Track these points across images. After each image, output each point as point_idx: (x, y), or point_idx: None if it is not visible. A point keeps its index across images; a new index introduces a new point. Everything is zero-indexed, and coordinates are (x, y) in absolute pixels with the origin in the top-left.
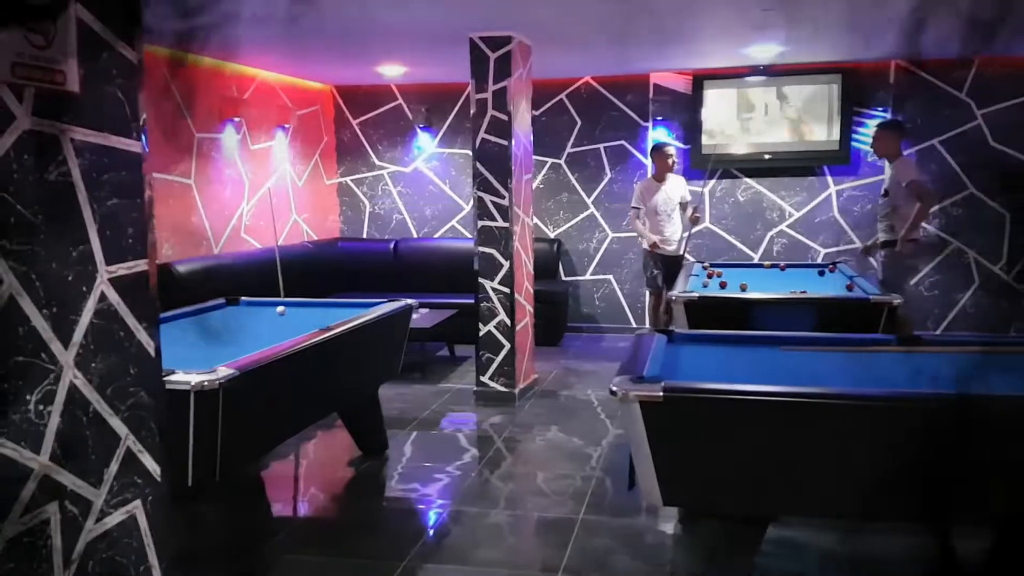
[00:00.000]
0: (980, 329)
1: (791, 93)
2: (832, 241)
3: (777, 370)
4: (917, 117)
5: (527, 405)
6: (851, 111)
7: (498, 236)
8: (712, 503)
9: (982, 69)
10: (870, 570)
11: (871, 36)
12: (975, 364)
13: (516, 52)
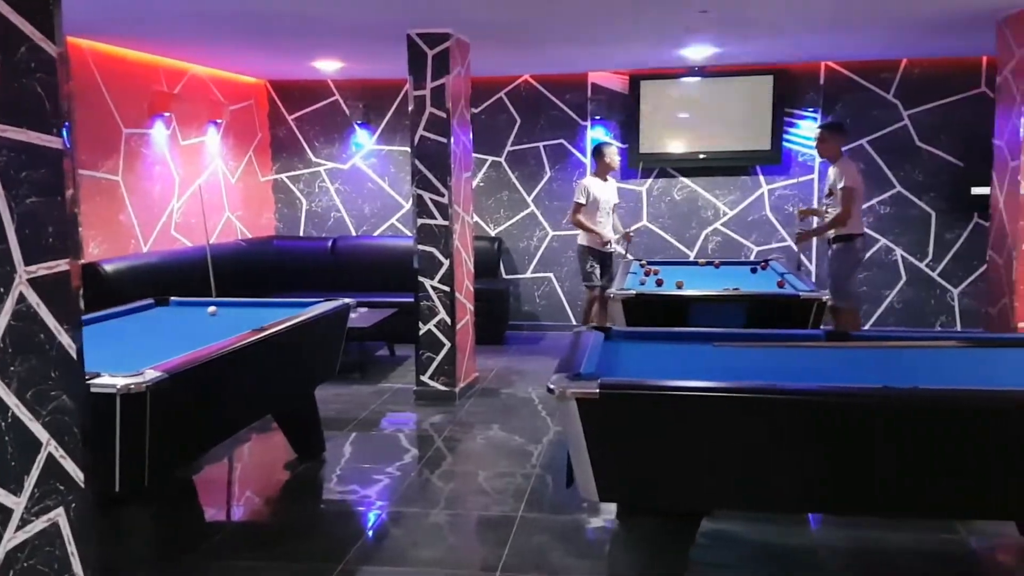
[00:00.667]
0: (907, 323)
1: (725, 94)
2: (764, 239)
3: (711, 366)
4: (847, 117)
5: (468, 404)
6: (782, 112)
7: (438, 234)
8: (648, 498)
9: (908, 71)
10: (803, 561)
11: (802, 38)
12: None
13: (454, 49)
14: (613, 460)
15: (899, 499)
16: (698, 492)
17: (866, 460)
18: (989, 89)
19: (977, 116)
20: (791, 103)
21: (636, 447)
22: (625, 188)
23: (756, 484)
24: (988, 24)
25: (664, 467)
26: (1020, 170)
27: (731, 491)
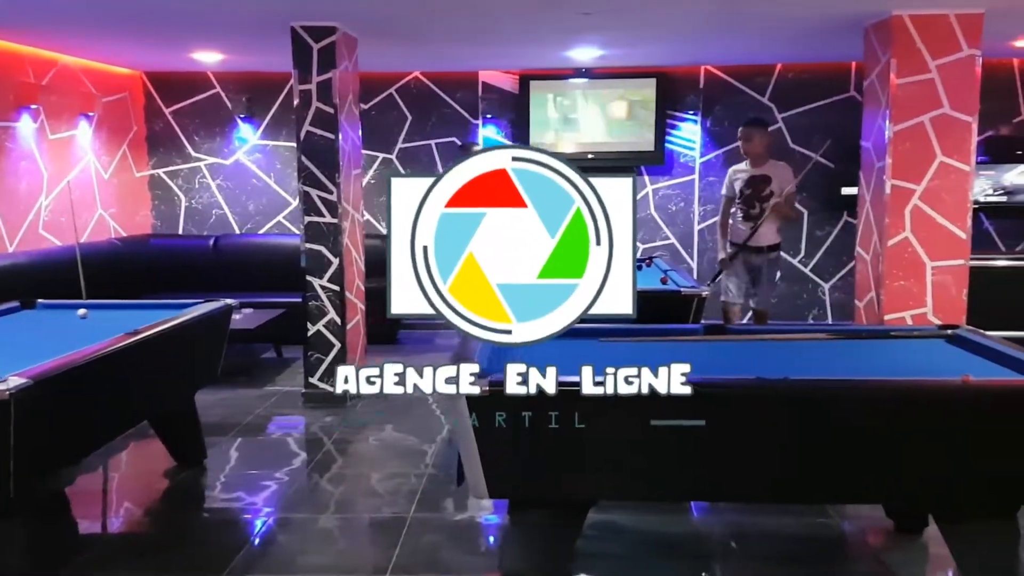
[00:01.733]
0: (782, 317)
1: (611, 95)
2: (649, 237)
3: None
4: (724, 120)
5: (359, 405)
6: (665, 114)
7: (326, 232)
8: (537, 492)
9: (782, 75)
10: (685, 548)
11: (682, 43)
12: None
13: (341, 43)
14: (504, 457)
15: (774, 486)
16: (585, 484)
17: (742, 449)
18: (858, 93)
19: (847, 119)
20: (673, 106)
21: (524, 442)
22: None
23: (640, 475)
24: (857, 31)
25: (553, 461)
26: (885, 170)
27: (617, 482)
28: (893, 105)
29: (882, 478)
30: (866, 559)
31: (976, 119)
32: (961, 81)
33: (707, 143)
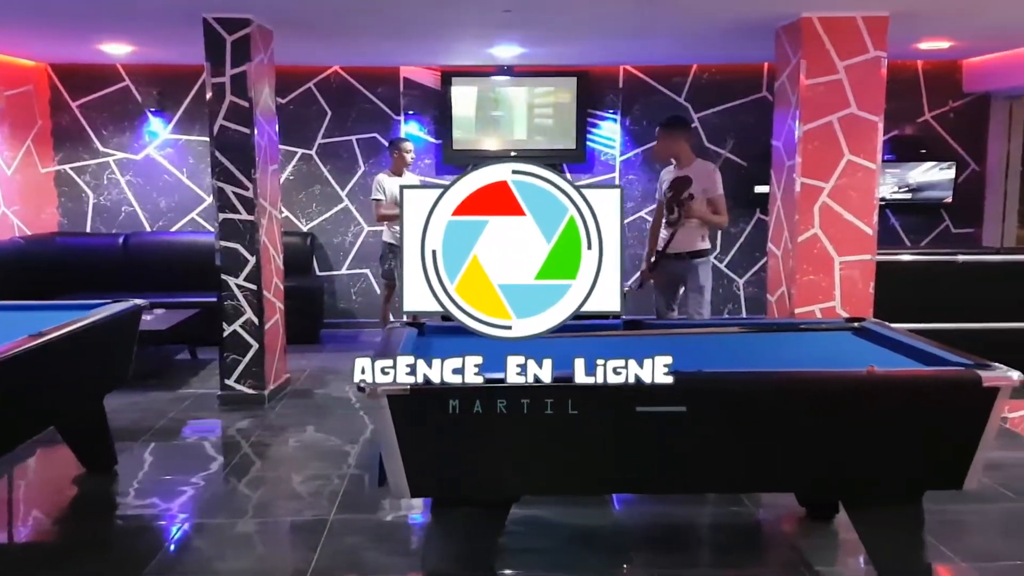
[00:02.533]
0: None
1: (533, 93)
2: None
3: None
4: (643, 119)
5: (278, 407)
6: (586, 113)
7: (242, 230)
8: (459, 490)
9: (698, 76)
10: (606, 540)
11: (601, 42)
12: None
13: (255, 36)
14: (424, 455)
15: (692, 476)
16: (508, 480)
17: (661, 441)
18: (770, 94)
19: (759, 119)
20: (593, 104)
21: (446, 440)
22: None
23: (562, 469)
24: (768, 33)
25: (474, 458)
26: (795, 169)
27: (539, 477)
28: (803, 105)
29: (793, 467)
30: (780, 546)
31: (882, 119)
32: (867, 82)
33: (627, 142)
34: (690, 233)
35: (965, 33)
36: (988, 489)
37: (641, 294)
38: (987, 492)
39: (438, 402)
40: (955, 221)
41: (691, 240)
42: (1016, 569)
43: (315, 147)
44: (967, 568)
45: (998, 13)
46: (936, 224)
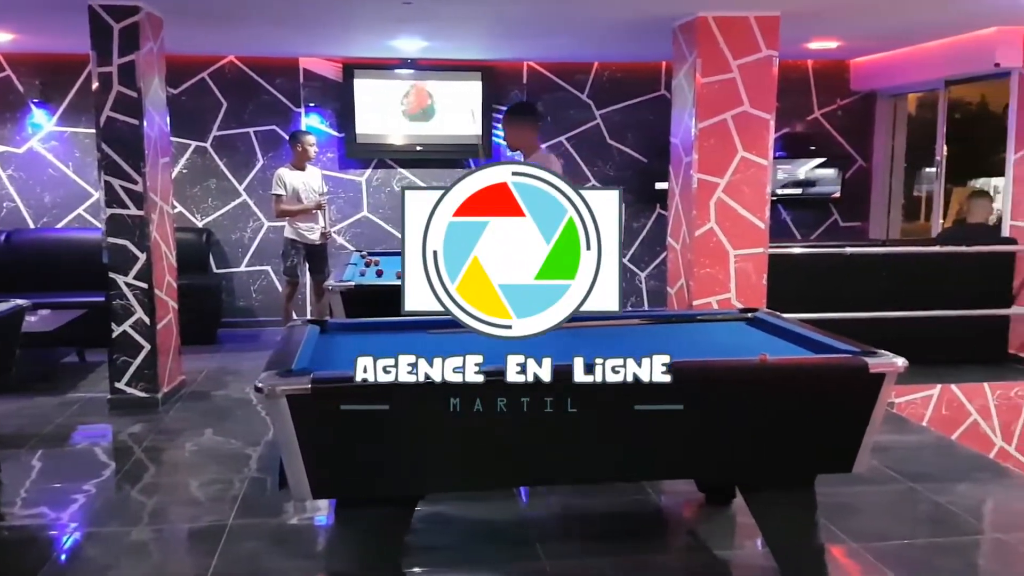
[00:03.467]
0: None
1: (438, 87)
2: None
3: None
4: (547, 115)
5: (173, 410)
6: (491, 108)
7: (131, 226)
8: (364, 490)
9: (599, 73)
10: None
11: (504, 38)
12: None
13: (144, 24)
14: (328, 456)
15: (596, 467)
16: (413, 478)
17: (565, 433)
18: (668, 92)
19: (658, 116)
20: (498, 100)
21: (351, 440)
22: (344, 178)
23: (468, 464)
24: (666, 32)
25: (379, 457)
26: (692, 165)
27: (445, 473)
28: (699, 103)
29: (692, 454)
30: (680, 531)
31: (773, 116)
32: (760, 80)
33: None
34: None
35: (852, 34)
36: (877, 471)
37: None
38: (876, 474)
39: (340, 401)
40: (843, 215)
41: None
42: (905, 548)
43: (210, 139)
44: (858, 548)
45: (882, 15)
46: (825, 218)
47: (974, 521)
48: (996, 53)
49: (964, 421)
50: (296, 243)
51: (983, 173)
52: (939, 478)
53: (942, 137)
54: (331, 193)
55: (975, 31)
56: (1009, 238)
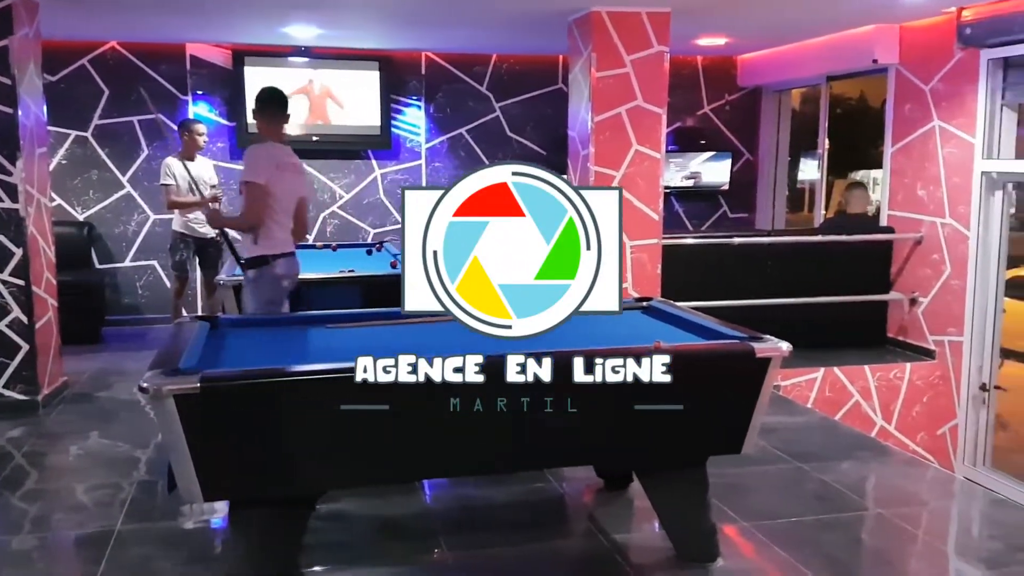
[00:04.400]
0: None
1: (335, 77)
2: (380, 222)
3: (324, 349)
4: (447, 107)
5: (55, 413)
6: (389, 98)
7: (6, 220)
8: (259, 490)
9: (498, 66)
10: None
11: (400, 28)
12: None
13: (19, 8)
14: (218, 456)
15: (497, 458)
16: (311, 476)
17: (465, 425)
18: (565, 85)
19: (556, 109)
20: (397, 90)
21: (244, 439)
22: (236, 169)
23: (370, 459)
24: (562, 25)
25: (275, 456)
26: (589, 158)
27: (345, 470)
28: (594, 97)
29: (590, 441)
30: (580, 517)
31: (665, 111)
32: (652, 75)
33: (432, 129)
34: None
35: (738, 31)
36: (765, 452)
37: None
38: (764, 455)
39: (231, 400)
40: (731, 206)
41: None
42: (792, 525)
43: (91, 129)
44: (749, 527)
45: (767, 13)
46: (715, 209)
47: (857, 498)
48: (874, 50)
49: (847, 402)
50: (185, 236)
51: (862, 165)
52: (824, 457)
53: (824, 131)
54: (223, 184)
55: (854, 29)
56: (887, 227)
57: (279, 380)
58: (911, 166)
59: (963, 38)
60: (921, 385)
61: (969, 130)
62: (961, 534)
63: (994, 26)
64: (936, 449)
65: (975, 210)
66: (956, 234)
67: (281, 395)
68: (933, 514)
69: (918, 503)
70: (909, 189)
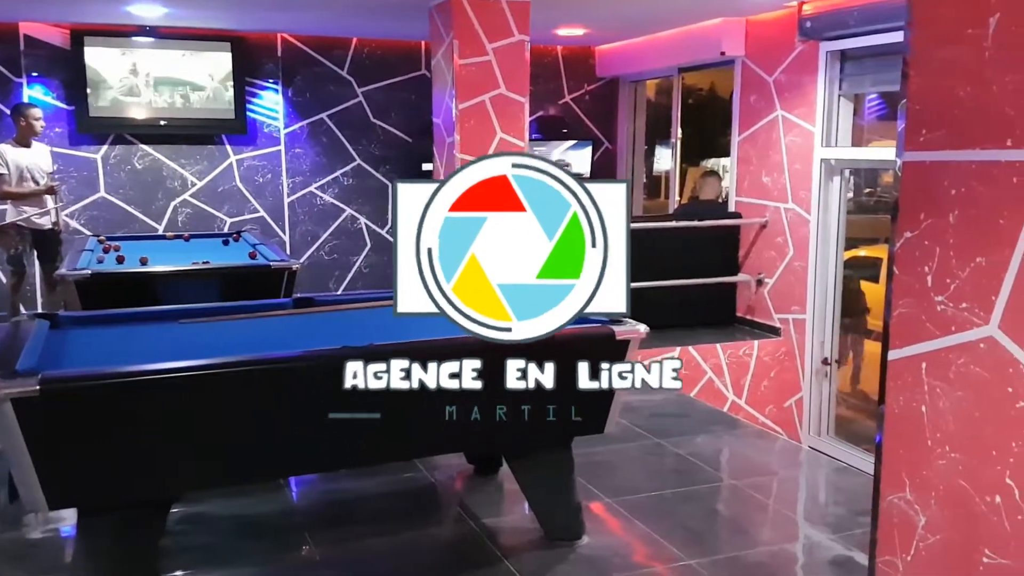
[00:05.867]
0: (375, 286)
1: (184, 59)
2: (237, 210)
3: (177, 346)
4: (306, 91)
5: None
6: (244, 81)
7: None
8: (110, 496)
9: (359, 50)
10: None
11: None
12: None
13: None
14: (63, 463)
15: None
16: (166, 479)
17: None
18: (429, 71)
19: (420, 96)
20: (251, 73)
21: (91, 444)
22: (76, 156)
23: (229, 459)
24: (422, 11)
25: (126, 460)
26: (455, 146)
27: (203, 471)
28: (458, 84)
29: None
30: (451, 504)
31: (528, 99)
32: (514, 64)
33: (290, 114)
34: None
35: (595, 22)
36: (626, 430)
37: (310, 271)
38: (626, 433)
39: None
40: None
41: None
42: (653, 499)
43: None
44: (612, 503)
45: (621, 5)
46: None
47: (712, 470)
48: (722, 43)
49: (701, 379)
50: (22, 229)
51: (713, 154)
52: (681, 432)
53: (677, 121)
54: (61, 171)
55: (704, 22)
56: (735, 212)
57: (126, 381)
58: (756, 154)
59: (803, 31)
60: (768, 361)
61: (809, 119)
62: (808, 501)
63: (832, 20)
64: (783, 421)
65: (815, 195)
66: (798, 218)
67: (129, 396)
68: (782, 483)
69: (768, 473)
70: (755, 176)
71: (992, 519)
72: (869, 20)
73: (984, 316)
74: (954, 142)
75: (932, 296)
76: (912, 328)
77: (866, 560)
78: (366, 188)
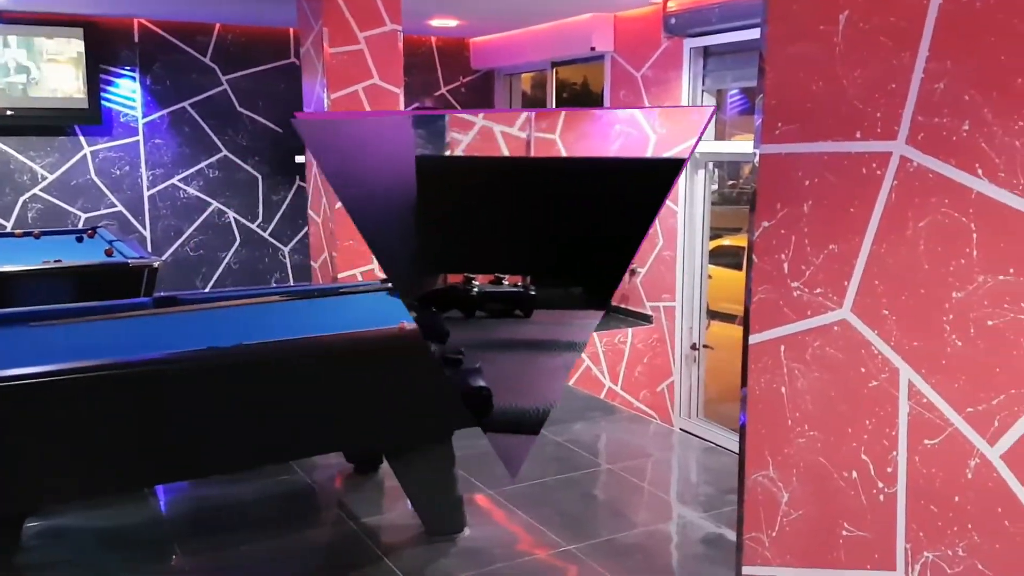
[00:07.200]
0: (245, 282)
1: (32, 44)
2: (92, 205)
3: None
4: (166, 79)
5: None
6: (98, 68)
7: None
8: None
9: (223, 36)
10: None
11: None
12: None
13: None
14: None
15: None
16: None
17: (201, 421)
18: (298, 59)
19: (289, 85)
20: (106, 60)
21: None
22: None
23: (86, 470)
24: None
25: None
26: None
27: (60, 483)
28: (329, 73)
29: (338, 427)
30: (330, 505)
31: (402, 90)
32: (387, 54)
33: (149, 102)
34: None
35: (468, 13)
36: None
37: (174, 268)
38: None
39: None
40: None
41: None
42: (533, 488)
43: None
44: (493, 494)
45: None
46: None
47: (590, 456)
48: (592, 38)
49: (579, 367)
50: None
51: None
52: (560, 420)
53: None
54: None
55: (575, 17)
56: None
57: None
58: None
59: (668, 28)
60: (642, 348)
61: None
62: (680, 482)
63: (695, 17)
64: (657, 405)
65: (682, 187)
66: (667, 210)
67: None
68: (656, 465)
69: (643, 456)
70: None
71: (850, 494)
72: (729, 17)
73: (837, 300)
74: (807, 135)
75: (789, 282)
76: (771, 313)
77: (735, 536)
78: (234, 180)
